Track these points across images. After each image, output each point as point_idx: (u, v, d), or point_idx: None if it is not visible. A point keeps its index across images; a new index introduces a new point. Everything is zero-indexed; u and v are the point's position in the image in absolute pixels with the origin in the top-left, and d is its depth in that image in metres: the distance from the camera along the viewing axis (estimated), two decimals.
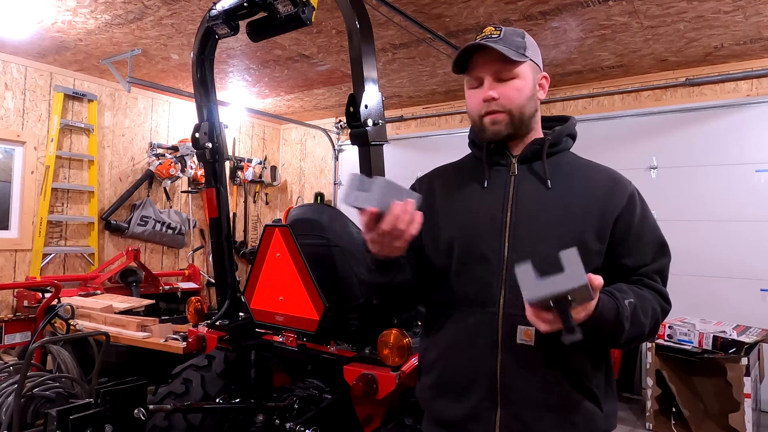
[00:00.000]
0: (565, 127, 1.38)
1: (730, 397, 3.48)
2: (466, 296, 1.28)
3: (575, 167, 1.34)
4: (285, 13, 2.22)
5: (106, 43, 4.26)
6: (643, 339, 1.23)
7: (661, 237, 1.30)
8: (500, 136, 1.31)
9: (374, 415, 2.24)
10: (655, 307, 1.22)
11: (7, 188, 4.76)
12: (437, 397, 1.32)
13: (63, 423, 1.85)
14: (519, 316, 1.20)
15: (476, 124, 1.35)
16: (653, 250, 1.27)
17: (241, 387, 2.55)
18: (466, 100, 1.37)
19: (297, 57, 4.48)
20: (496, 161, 1.36)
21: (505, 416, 1.21)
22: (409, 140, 6.24)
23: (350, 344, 2.41)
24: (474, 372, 1.25)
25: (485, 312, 1.25)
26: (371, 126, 2.04)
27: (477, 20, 3.65)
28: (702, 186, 4.50)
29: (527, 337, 1.20)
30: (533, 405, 1.21)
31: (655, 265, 1.26)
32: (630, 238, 1.25)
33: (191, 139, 2.72)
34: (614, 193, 1.27)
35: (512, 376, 1.21)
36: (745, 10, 3.41)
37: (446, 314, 1.32)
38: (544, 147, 1.31)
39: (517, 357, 1.21)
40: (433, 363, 1.34)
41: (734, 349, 3.49)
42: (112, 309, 3.68)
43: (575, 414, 1.21)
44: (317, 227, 2.52)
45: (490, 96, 1.28)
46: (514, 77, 1.28)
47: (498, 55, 1.26)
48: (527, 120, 1.32)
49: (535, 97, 1.33)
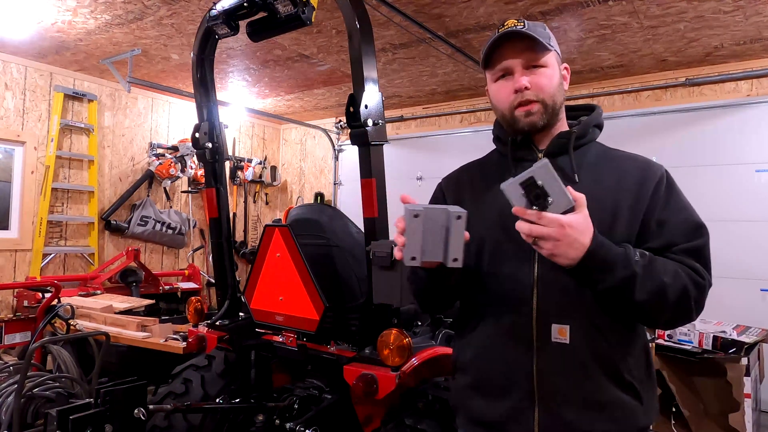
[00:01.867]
0: (591, 118, 1.35)
1: (730, 397, 3.48)
2: (499, 295, 1.27)
3: (604, 158, 1.31)
4: (285, 13, 2.22)
5: (106, 43, 4.26)
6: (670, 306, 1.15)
7: (693, 218, 1.25)
8: (537, 127, 1.28)
9: (374, 415, 2.24)
10: (680, 273, 1.16)
11: (7, 188, 4.76)
12: (474, 397, 1.31)
13: (63, 423, 1.86)
14: (553, 314, 1.20)
15: (506, 118, 1.31)
16: (684, 231, 1.22)
17: (241, 387, 2.55)
18: (493, 93, 1.34)
19: (297, 57, 4.48)
20: (521, 156, 1.33)
21: (544, 415, 1.20)
22: (409, 140, 6.23)
23: (350, 344, 2.41)
24: (510, 372, 1.24)
25: (519, 311, 1.23)
26: (371, 126, 2.04)
27: (477, 20, 3.65)
28: (702, 186, 4.50)
29: (562, 335, 1.19)
30: (571, 403, 1.19)
31: (686, 245, 1.20)
32: (653, 222, 1.22)
33: (191, 139, 2.72)
34: (645, 182, 1.24)
35: (549, 375, 1.20)
36: (745, 10, 3.41)
37: (480, 314, 1.31)
38: (571, 140, 1.29)
39: (553, 355, 1.20)
40: (469, 363, 1.33)
41: (734, 349, 3.49)
42: (112, 309, 3.68)
43: (615, 410, 1.19)
44: (317, 227, 2.52)
45: (523, 85, 1.25)
46: (543, 66, 1.26)
47: (528, 43, 1.24)
48: (558, 110, 1.30)
49: (562, 86, 1.31)
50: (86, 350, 3.28)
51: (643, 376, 1.24)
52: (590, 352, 1.19)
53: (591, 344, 1.18)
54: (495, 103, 1.34)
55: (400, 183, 5.92)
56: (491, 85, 1.34)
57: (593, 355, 1.19)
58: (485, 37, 3.95)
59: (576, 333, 1.18)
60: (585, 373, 1.19)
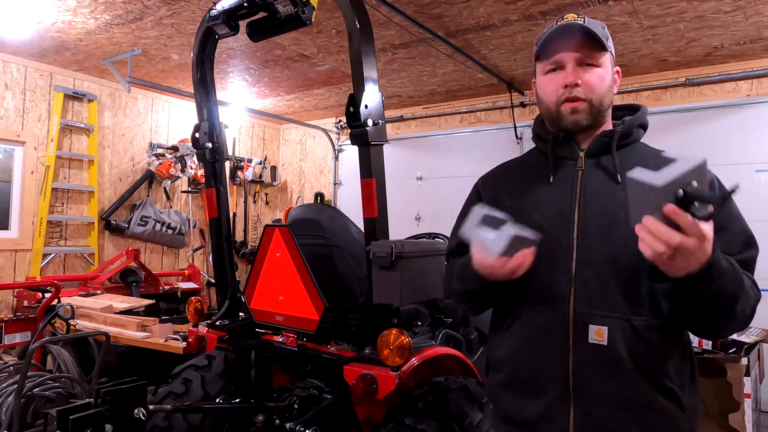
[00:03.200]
0: (636, 118, 1.33)
1: (730, 397, 3.47)
2: (536, 295, 1.25)
3: (647, 158, 1.27)
4: (285, 13, 2.22)
5: (106, 43, 4.26)
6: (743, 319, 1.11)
7: (747, 229, 1.22)
8: (580, 126, 1.26)
9: (374, 415, 2.25)
10: (752, 286, 1.13)
11: (7, 188, 4.76)
12: (508, 396, 1.30)
13: (63, 423, 1.86)
14: (590, 315, 1.18)
15: (551, 112, 1.28)
16: (739, 242, 1.18)
17: (241, 387, 2.55)
18: (540, 86, 1.31)
19: (297, 57, 4.48)
20: (562, 155, 1.30)
21: (579, 416, 1.18)
22: (409, 140, 6.23)
23: (350, 344, 2.41)
24: (545, 372, 1.22)
25: (555, 311, 1.22)
26: (371, 126, 2.04)
27: (477, 20, 3.65)
28: None
29: (599, 337, 1.17)
30: (608, 405, 1.17)
31: (740, 256, 1.16)
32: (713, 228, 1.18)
33: (191, 139, 2.72)
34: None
35: (585, 376, 1.18)
36: (745, 10, 3.41)
37: (515, 313, 1.30)
38: (614, 139, 1.26)
39: (590, 356, 1.18)
40: (502, 361, 1.32)
41: (734, 349, 3.49)
42: (112, 309, 3.67)
43: (653, 414, 1.17)
44: (317, 227, 2.52)
45: (574, 81, 1.22)
46: (597, 65, 1.24)
47: (586, 39, 1.21)
48: (604, 112, 1.28)
49: (612, 89, 1.29)
50: (86, 350, 3.28)
51: (685, 382, 1.21)
52: (628, 355, 1.16)
53: (629, 346, 1.16)
54: (541, 96, 1.31)
55: (400, 183, 5.93)
56: (540, 78, 1.31)
57: (631, 358, 1.16)
58: (485, 37, 3.95)
59: (614, 334, 1.16)
60: (622, 375, 1.17)
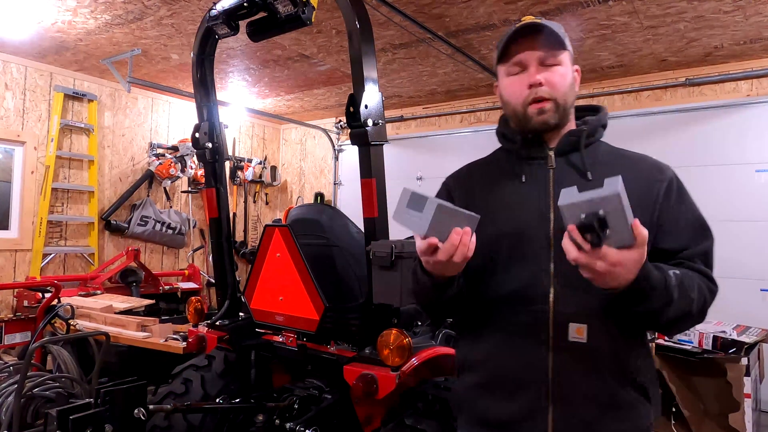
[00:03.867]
0: (598, 118, 1.35)
1: (730, 397, 3.47)
2: (514, 294, 1.25)
3: (614, 156, 1.31)
4: (285, 13, 2.22)
5: (106, 43, 4.26)
6: (691, 319, 1.17)
7: (700, 219, 1.26)
8: (548, 125, 1.27)
9: (374, 415, 2.24)
10: (700, 285, 1.17)
11: (7, 188, 4.76)
12: (483, 397, 1.29)
13: (63, 423, 1.85)
14: (570, 313, 1.19)
15: (518, 114, 1.29)
16: (693, 233, 1.23)
17: (241, 387, 2.55)
18: (505, 88, 1.32)
19: (297, 57, 4.48)
20: (532, 154, 1.32)
21: (559, 415, 1.19)
22: (409, 140, 6.23)
23: (350, 344, 2.41)
24: (525, 371, 1.22)
25: (534, 310, 1.22)
26: (371, 126, 2.04)
27: (477, 20, 3.65)
28: (702, 186, 4.49)
29: (579, 335, 1.18)
30: (587, 403, 1.18)
31: (696, 248, 1.21)
32: (667, 223, 1.22)
33: (191, 139, 2.72)
34: (656, 181, 1.24)
35: (565, 375, 1.19)
36: (745, 10, 3.41)
37: (491, 312, 1.29)
38: (582, 138, 1.28)
39: (569, 355, 1.19)
40: (479, 362, 1.31)
41: (734, 349, 3.49)
42: (112, 309, 3.68)
43: (630, 410, 1.19)
44: (317, 227, 2.52)
45: (538, 80, 1.24)
46: (558, 64, 1.26)
47: (546, 39, 1.23)
48: (569, 110, 1.30)
49: (574, 87, 1.30)
50: (86, 350, 3.28)
51: (652, 377, 1.25)
52: (607, 353, 1.18)
53: (608, 344, 1.18)
54: (507, 98, 1.32)
55: (400, 183, 5.87)
56: (503, 80, 1.32)
57: (610, 356, 1.18)
58: (485, 37, 3.95)
59: (594, 332, 1.17)
60: (602, 372, 1.18)
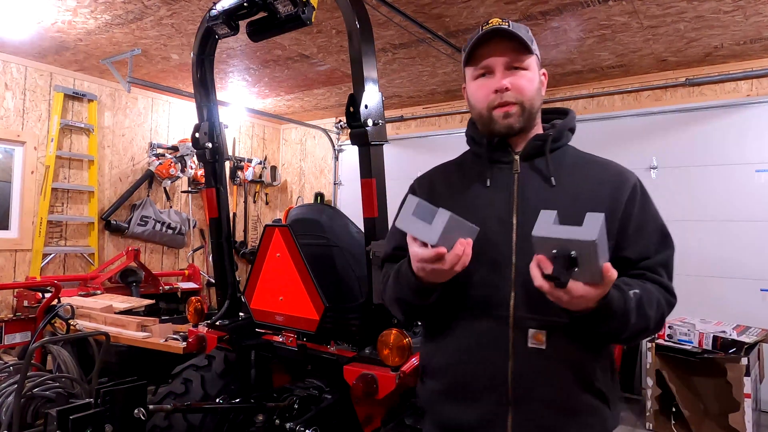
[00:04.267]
0: (566, 122, 1.35)
1: (730, 397, 3.48)
2: (475, 300, 1.25)
3: (579, 162, 1.31)
4: (285, 13, 2.22)
5: (106, 43, 4.26)
6: (648, 333, 1.20)
7: (663, 228, 1.27)
8: (513, 129, 1.27)
9: (374, 415, 2.24)
10: (660, 300, 1.19)
11: (7, 188, 4.76)
12: (446, 402, 1.29)
13: (63, 423, 1.85)
14: (529, 319, 1.20)
15: (483, 118, 1.29)
16: (655, 242, 1.24)
17: (241, 387, 2.55)
18: (471, 92, 1.32)
19: (297, 57, 4.48)
20: (497, 158, 1.32)
21: (518, 420, 1.20)
22: (409, 140, 6.24)
23: (350, 344, 2.41)
24: (486, 377, 1.23)
25: (495, 316, 1.22)
26: (371, 126, 2.04)
27: (477, 20, 3.65)
28: (702, 186, 4.50)
29: (538, 341, 1.19)
30: (546, 408, 1.19)
31: (657, 257, 1.23)
32: (630, 229, 1.23)
33: (191, 139, 2.72)
34: (620, 188, 1.25)
35: (524, 380, 1.20)
36: (745, 10, 3.41)
37: (454, 318, 1.29)
38: (547, 143, 1.28)
39: (529, 361, 1.19)
40: (441, 368, 1.31)
41: (734, 349, 3.49)
42: (112, 309, 3.67)
43: (588, 416, 1.21)
44: (317, 227, 2.52)
45: (504, 86, 1.24)
46: (524, 68, 1.26)
47: (512, 43, 1.23)
48: (535, 114, 1.30)
49: (540, 91, 1.31)
50: (86, 350, 3.28)
51: (610, 382, 1.26)
52: (566, 359, 1.19)
53: (566, 351, 1.19)
54: (473, 101, 1.32)
55: (400, 183, 5.89)
56: (470, 83, 1.32)
57: (568, 362, 1.19)
58: None
59: (552, 339, 1.18)
60: (560, 378, 1.19)
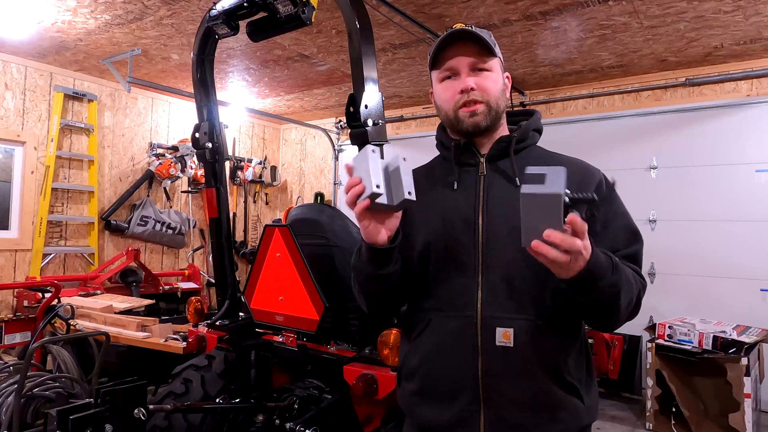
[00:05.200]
0: (530, 122, 1.38)
1: (730, 397, 3.48)
2: (444, 301, 1.27)
3: (544, 161, 1.32)
4: (285, 13, 2.22)
5: (106, 43, 4.26)
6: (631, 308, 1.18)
7: (631, 224, 1.28)
8: (480, 128, 1.29)
9: (374, 415, 2.24)
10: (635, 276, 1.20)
11: (7, 188, 4.76)
12: (421, 404, 1.31)
13: (63, 423, 1.85)
14: (497, 318, 1.21)
15: (450, 118, 1.32)
16: (624, 237, 1.25)
17: (241, 387, 2.55)
18: (438, 94, 1.34)
19: (297, 57, 4.48)
20: (464, 161, 1.34)
21: (491, 419, 1.21)
22: (409, 140, 6.24)
23: (350, 344, 2.41)
24: (457, 377, 1.24)
25: (464, 316, 1.24)
26: (371, 126, 2.04)
27: (477, 20, 3.65)
28: (702, 186, 4.50)
29: (506, 339, 1.20)
30: (518, 406, 1.20)
31: (626, 251, 1.24)
32: (597, 225, 1.23)
33: (191, 139, 2.72)
34: (584, 184, 1.25)
35: (495, 379, 1.21)
36: (745, 10, 3.41)
37: (425, 320, 1.31)
38: (511, 144, 1.31)
39: (498, 359, 1.21)
40: (415, 369, 1.33)
41: (734, 349, 3.49)
42: (112, 309, 3.67)
43: (560, 411, 1.21)
44: (317, 227, 2.52)
45: (470, 85, 1.26)
46: (488, 69, 1.29)
47: (476, 46, 1.26)
48: (500, 115, 1.32)
49: (504, 92, 1.33)
50: (86, 350, 3.28)
51: (583, 375, 1.26)
52: (534, 355, 1.20)
53: (534, 347, 1.20)
54: (440, 103, 1.35)
55: None
56: (436, 86, 1.35)
57: (537, 358, 1.20)
58: None
59: (520, 336, 1.19)
60: (529, 375, 1.20)
